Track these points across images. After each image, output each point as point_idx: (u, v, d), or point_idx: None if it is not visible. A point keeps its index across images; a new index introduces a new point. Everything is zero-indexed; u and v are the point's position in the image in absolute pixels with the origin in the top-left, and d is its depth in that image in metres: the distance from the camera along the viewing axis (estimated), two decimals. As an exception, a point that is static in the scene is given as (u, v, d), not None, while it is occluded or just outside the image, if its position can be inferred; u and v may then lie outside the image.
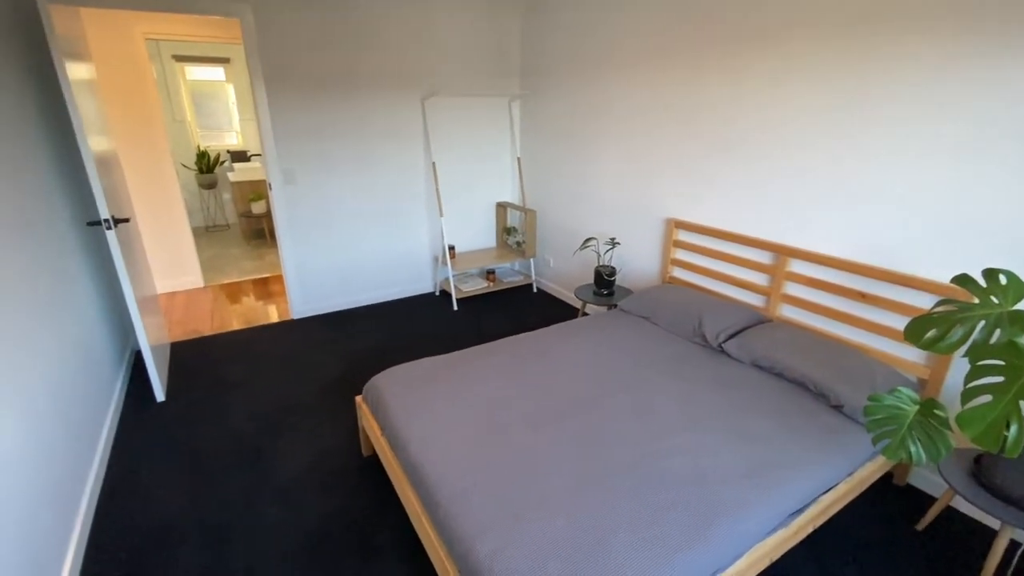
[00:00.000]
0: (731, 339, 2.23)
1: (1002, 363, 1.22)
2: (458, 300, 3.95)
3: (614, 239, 3.20)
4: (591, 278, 3.36)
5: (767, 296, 2.46)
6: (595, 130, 3.34)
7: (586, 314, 3.33)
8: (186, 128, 5.98)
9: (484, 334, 3.38)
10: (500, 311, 3.82)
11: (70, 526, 1.71)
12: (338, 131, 3.42)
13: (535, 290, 4.25)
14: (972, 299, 1.47)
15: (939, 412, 1.33)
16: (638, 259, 3.22)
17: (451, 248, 4.01)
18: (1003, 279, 1.32)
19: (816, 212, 2.20)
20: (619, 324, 2.52)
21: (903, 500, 1.97)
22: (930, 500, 1.97)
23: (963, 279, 1.36)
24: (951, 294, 1.79)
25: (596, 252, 3.35)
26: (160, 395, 2.60)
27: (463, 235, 4.21)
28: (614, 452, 1.57)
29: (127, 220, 2.52)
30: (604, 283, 3.05)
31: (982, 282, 1.35)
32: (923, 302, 1.90)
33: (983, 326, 1.29)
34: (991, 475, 1.52)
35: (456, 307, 3.86)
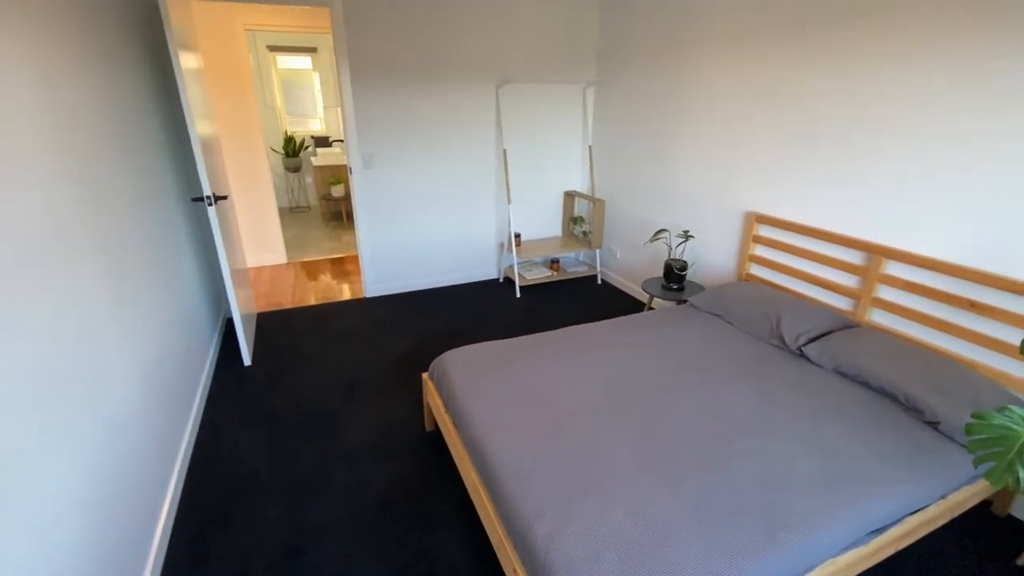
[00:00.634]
0: (812, 342, 2.09)
1: None
2: (521, 288, 3.98)
3: (687, 232, 3.08)
4: (659, 271, 3.26)
5: (856, 299, 2.28)
6: (673, 118, 3.22)
7: (652, 308, 3.24)
8: (275, 114, 6.39)
9: (546, 322, 3.39)
10: (563, 301, 3.81)
11: (171, 466, 1.92)
12: (415, 118, 3.52)
13: (599, 281, 4.19)
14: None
15: (1060, 437, 1.18)
16: (712, 254, 3.08)
17: (517, 236, 4.04)
18: None
19: (921, 210, 2.00)
20: (689, 320, 2.43)
21: (1002, 532, 1.78)
22: (1038, 536, 1.77)
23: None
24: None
25: (667, 245, 3.25)
26: (247, 359, 2.84)
27: (529, 223, 4.22)
28: (680, 449, 1.53)
29: (225, 197, 2.75)
30: (674, 277, 2.96)
31: None
32: (1046, 315, 1.69)
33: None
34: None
35: (519, 294, 3.89)
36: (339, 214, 6.14)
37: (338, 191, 5.78)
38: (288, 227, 5.73)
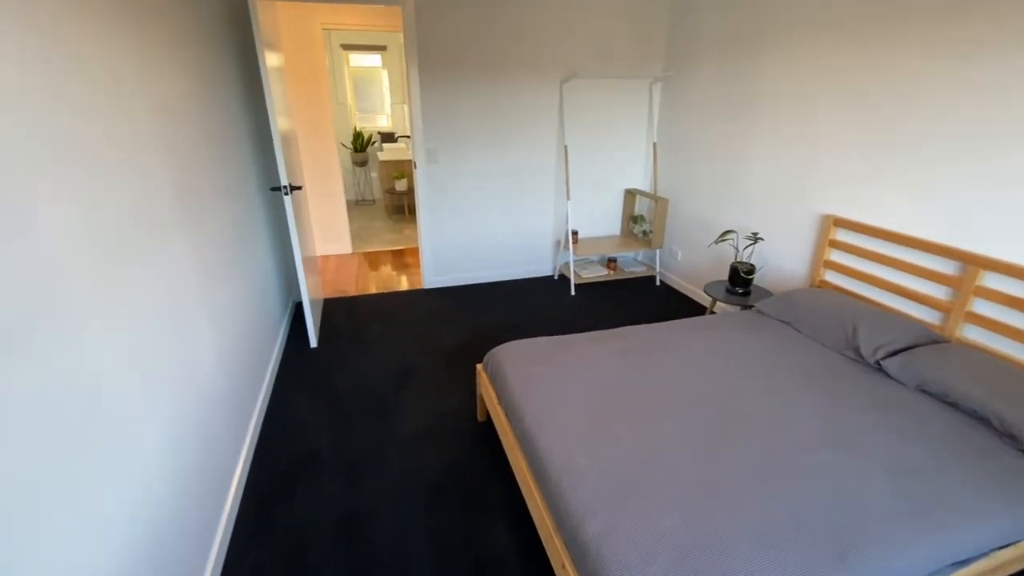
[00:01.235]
0: (892, 356, 1.94)
1: None
2: (576, 285, 3.94)
3: (756, 234, 2.94)
4: (723, 274, 3.13)
5: (945, 313, 2.09)
6: (746, 114, 3.08)
7: (714, 312, 3.12)
8: (346, 110, 6.67)
9: (601, 321, 3.34)
10: (619, 300, 3.74)
11: (244, 433, 2.06)
12: (478, 113, 3.57)
13: (658, 283, 4.08)
14: None
15: None
16: (780, 257, 2.93)
17: (574, 233, 4.00)
18: None
19: (1029, 217, 1.81)
20: (755, 326, 2.32)
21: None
22: None
23: None
24: None
25: (734, 247, 3.11)
26: (313, 342, 2.99)
27: (587, 221, 4.18)
28: (740, 459, 1.47)
29: (300, 188, 2.91)
30: (740, 281, 2.83)
31: None
32: None
33: None
34: None
35: (574, 292, 3.86)
36: (401, 208, 6.34)
37: (401, 185, 5.96)
38: (353, 219, 5.98)
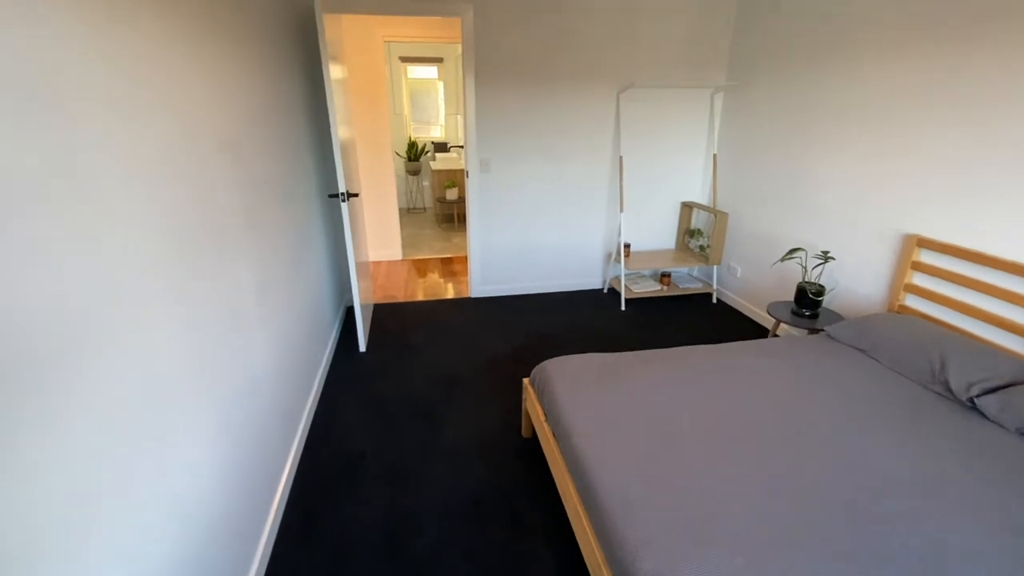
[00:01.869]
0: (989, 394, 1.73)
1: None
2: (627, 300, 3.82)
3: (827, 252, 2.74)
4: (788, 295, 2.93)
5: (1054, 347, 1.85)
6: (815, 125, 2.89)
7: (777, 335, 2.93)
8: (402, 120, 6.85)
9: (653, 339, 3.21)
10: (672, 318, 3.59)
11: (293, 433, 2.10)
12: (533, 123, 3.55)
13: (715, 300, 3.90)
14: None
15: None
16: (853, 279, 2.71)
17: (627, 246, 3.89)
18: None
19: None
20: (826, 352, 2.15)
21: None
22: None
23: None
24: None
25: (801, 265, 2.92)
26: (363, 346, 3.03)
27: (641, 233, 4.05)
28: (813, 498, 1.33)
29: (356, 195, 2.97)
30: (808, 302, 2.64)
31: None
32: None
33: None
34: None
35: (624, 307, 3.74)
36: (451, 216, 6.41)
37: (452, 194, 6.03)
38: (404, 226, 6.09)
